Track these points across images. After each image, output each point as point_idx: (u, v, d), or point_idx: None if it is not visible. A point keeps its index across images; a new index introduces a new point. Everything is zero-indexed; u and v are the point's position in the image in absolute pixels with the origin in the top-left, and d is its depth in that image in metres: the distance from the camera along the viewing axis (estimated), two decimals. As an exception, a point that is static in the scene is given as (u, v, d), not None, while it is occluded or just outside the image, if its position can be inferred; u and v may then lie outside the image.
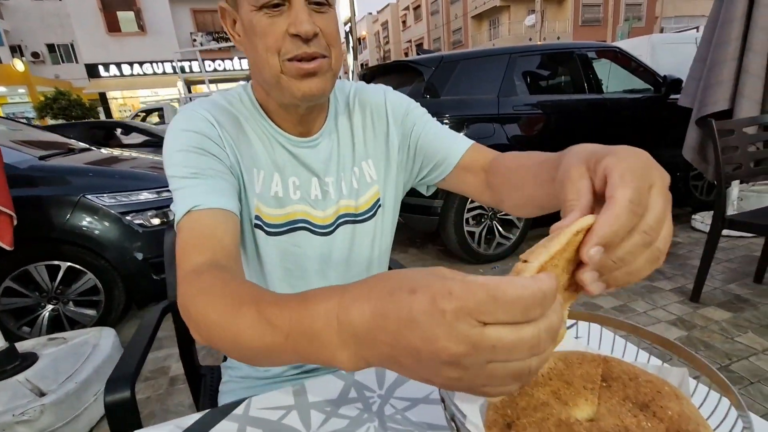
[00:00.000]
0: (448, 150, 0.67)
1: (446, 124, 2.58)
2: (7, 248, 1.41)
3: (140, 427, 0.51)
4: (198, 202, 0.51)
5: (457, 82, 2.73)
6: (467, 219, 2.72)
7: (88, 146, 2.97)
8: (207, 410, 0.47)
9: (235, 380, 0.74)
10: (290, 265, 0.66)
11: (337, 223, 0.67)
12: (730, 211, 2.76)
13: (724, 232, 1.93)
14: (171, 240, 0.89)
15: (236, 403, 0.47)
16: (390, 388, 0.47)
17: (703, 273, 2.02)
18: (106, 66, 16.04)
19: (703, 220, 3.05)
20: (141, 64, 16.35)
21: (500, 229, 2.85)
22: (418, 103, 0.73)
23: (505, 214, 2.82)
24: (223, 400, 0.74)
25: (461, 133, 0.65)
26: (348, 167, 0.67)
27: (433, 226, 2.76)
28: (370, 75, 3.29)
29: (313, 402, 0.46)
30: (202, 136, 0.56)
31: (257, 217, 0.62)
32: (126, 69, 16.22)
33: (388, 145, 0.70)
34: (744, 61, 2.36)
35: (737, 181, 2.88)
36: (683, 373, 0.35)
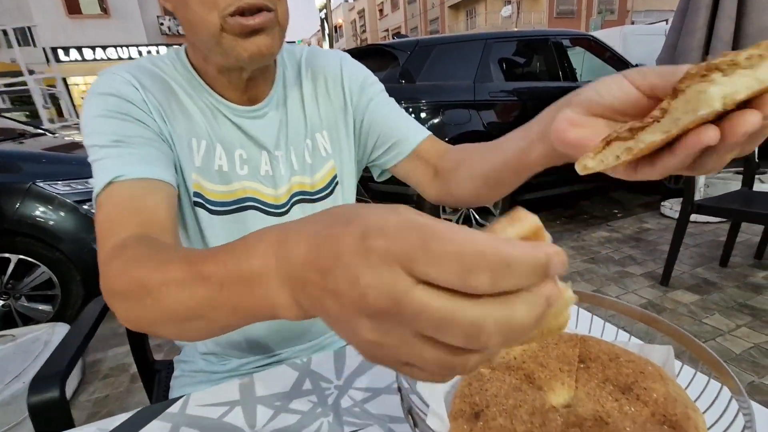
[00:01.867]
0: (406, 134, 0.63)
1: (422, 110, 2.57)
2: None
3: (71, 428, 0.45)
4: (121, 171, 0.44)
5: (433, 68, 2.68)
6: (444, 207, 2.70)
7: (42, 131, 2.78)
8: (138, 409, 0.41)
9: (187, 374, 0.68)
10: None
11: (292, 202, 0.61)
12: (698, 197, 2.84)
13: (692, 217, 1.97)
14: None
15: (173, 400, 0.41)
16: (349, 378, 0.42)
17: (672, 258, 2.06)
18: (66, 50, 15.06)
19: (672, 207, 3.13)
20: (105, 48, 15.48)
21: (477, 217, 2.84)
22: (376, 77, 0.67)
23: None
24: (174, 396, 0.68)
25: (438, 119, 0.60)
26: (300, 139, 0.61)
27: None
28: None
29: (261, 396, 0.41)
30: (123, 100, 0.49)
31: (197, 194, 0.55)
32: (88, 53, 15.30)
33: (345, 116, 0.64)
34: (710, 48, 2.41)
35: (704, 168, 2.97)
36: (668, 351, 0.31)
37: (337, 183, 0.65)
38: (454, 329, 0.16)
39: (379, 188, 2.69)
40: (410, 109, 2.55)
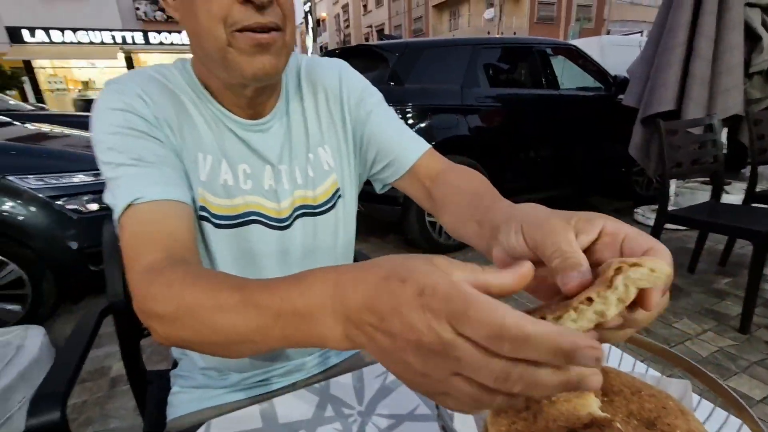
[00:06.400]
0: (403, 151, 0.63)
1: (409, 113, 2.58)
2: None
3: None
4: (140, 194, 0.44)
5: (422, 71, 2.70)
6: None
7: (9, 120, 2.63)
8: (157, 437, 0.40)
9: (186, 390, 0.67)
10: (244, 261, 0.59)
11: (294, 216, 0.61)
12: (668, 205, 2.98)
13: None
14: (110, 231, 0.78)
15: (193, 428, 0.41)
16: (371, 404, 0.43)
17: (645, 264, 2.15)
18: (32, 31, 14.10)
19: (644, 214, 3.27)
20: (75, 31, 14.65)
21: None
22: (375, 88, 0.67)
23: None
24: (172, 413, 0.66)
25: (425, 123, 0.59)
26: (302, 154, 0.61)
27: (396, 216, 2.74)
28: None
29: (284, 423, 0.41)
30: (137, 116, 0.49)
31: (203, 208, 0.55)
32: (56, 36, 14.43)
33: (345, 129, 0.64)
34: (690, 66, 2.52)
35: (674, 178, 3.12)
36: (685, 386, 0.33)
37: (339, 196, 0.65)
38: (485, 374, 0.21)
39: (369, 190, 2.69)
40: (398, 111, 2.56)
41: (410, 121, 2.61)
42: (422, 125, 2.64)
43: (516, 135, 3.07)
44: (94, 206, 2.01)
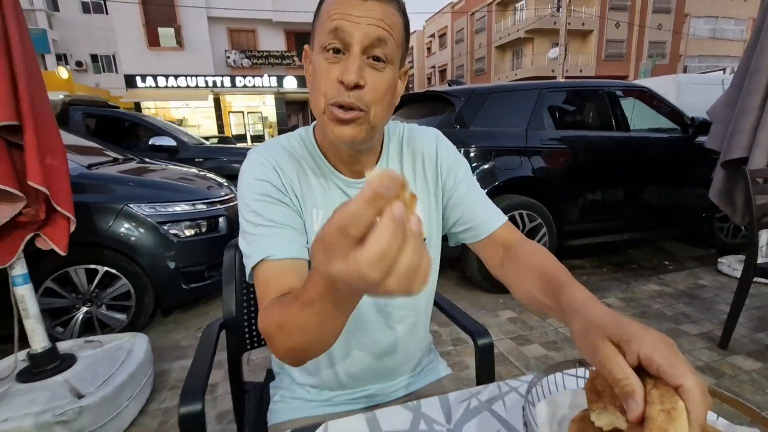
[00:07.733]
0: (485, 220, 0.72)
1: (474, 154, 2.66)
2: (62, 253, 1.50)
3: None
4: (271, 252, 0.58)
5: (487, 114, 2.80)
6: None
7: (128, 156, 3.12)
8: None
9: (286, 401, 0.78)
10: None
11: None
12: (759, 257, 2.71)
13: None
14: (230, 257, 0.94)
15: (314, 426, 0.51)
16: (458, 424, 0.50)
17: (732, 320, 1.98)
18: (144, 77, 16.69)
19: (729, 264, 3.00)
20: (176, 77, 17.00)
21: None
22: (464, 158, 0.77)
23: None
24: (273, 419, 0.78)
25: (488, 164, 0.66)
26: None
27: (455, 254, 2.78)
28: (401, 102, 3.38)
29: (387, 431, 0.50)
30: (272, 186, 0.63)
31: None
32: (161, 81, 16.86)
33: (435, 190, 0.74)
34: (765, 110, 2.37)
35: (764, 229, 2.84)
36: (753, 434, 0.37)
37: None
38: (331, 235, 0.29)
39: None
40: (461, 152, 2.65)
41: (474, 163, 2.69)
42: (485, 166, 2.72)
43: (582, 177, 3.02)
44: (190, 232, 2.31)
